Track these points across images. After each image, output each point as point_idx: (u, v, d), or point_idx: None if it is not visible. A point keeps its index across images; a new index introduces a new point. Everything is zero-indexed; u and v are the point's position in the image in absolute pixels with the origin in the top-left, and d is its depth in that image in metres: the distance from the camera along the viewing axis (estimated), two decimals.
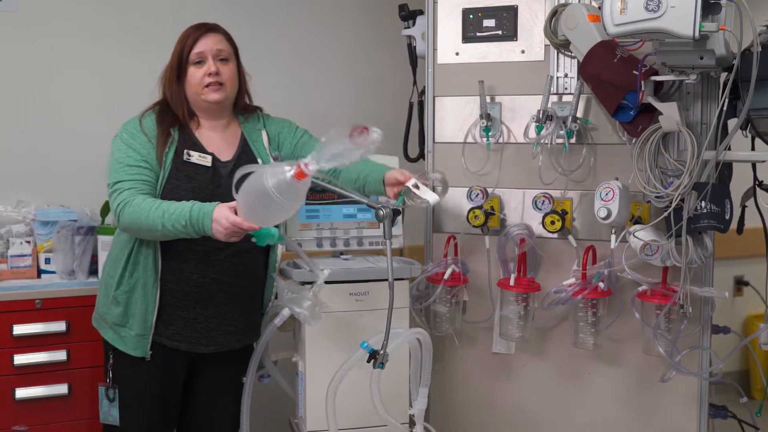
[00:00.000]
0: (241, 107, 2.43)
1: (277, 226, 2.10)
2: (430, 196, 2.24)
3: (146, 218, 2.12)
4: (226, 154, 2.34)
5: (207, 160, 2.30)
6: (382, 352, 2.09)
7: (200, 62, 2.29)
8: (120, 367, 2.32)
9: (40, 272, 2.89)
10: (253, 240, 2.09)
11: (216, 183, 2.28)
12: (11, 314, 2.62)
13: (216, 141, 2.35)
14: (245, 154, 2.36)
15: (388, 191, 2.33)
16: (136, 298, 2.26)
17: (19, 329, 2.62)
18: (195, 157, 2.29)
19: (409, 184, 2.25)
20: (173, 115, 2.32)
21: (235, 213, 2.04)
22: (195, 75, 2.29)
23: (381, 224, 2.14)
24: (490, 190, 2.63)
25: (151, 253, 2.24)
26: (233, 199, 2.06)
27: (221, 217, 2.04)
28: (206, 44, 2.29)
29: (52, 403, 2.67)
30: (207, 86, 2.29)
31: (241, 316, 2.37)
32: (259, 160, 2.36)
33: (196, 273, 2.27)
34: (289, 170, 1.93)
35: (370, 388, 2.21)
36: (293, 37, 3.48)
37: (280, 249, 2.41)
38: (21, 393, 2.63)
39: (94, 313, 2.40)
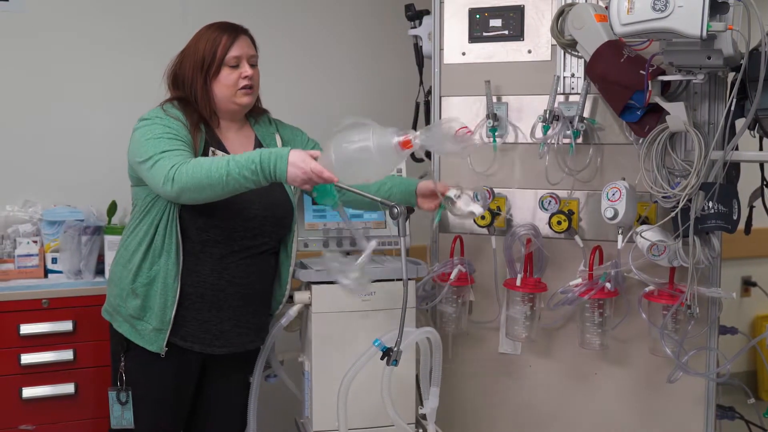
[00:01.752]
0: (253, 110, 2.43)
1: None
2: (475, 207, 2.18)
3: (209, 170, 2.03)
4: None
5: None
6: (395, 349, 2.08)
7: (236, 65, 2.29)
8: (133, 368, 2.29)
9: (46, 272, 2.90)
10: (314, 194, 2.07)
11: None
12: (18, 314, 2.63)
13: (234, 142, 2.36)
14: None
15: (421, 203, 2.35)
16: (155, 291, 2.24)
17: (25, 329, 2.63)
18: (219, 155, 2.28)
19: (451, 193, 2.22)
20: (195, 111, 2.30)
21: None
22: (230, 77, 2.28)
23: (395, 222, 2.12)
24: (496, 191, 2.62)
25: (173, 247, 2.22)
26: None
27: (300, 161, 2.00)
28: (242, 48, 2.29)
29: (59, 402, 2.68)
30: (241, 89, 2.29)
31: (254, 317, 2.37)
32: None
33: (212, 276, 2.27)
34: (397, 137, 1.93)
35: (381, 387, 2.19)
36: (298, 37, 3.48)
37: (295, 248, 2.41)
38: (28, 392, 2.64)
39: (104, 306, 2.36)
